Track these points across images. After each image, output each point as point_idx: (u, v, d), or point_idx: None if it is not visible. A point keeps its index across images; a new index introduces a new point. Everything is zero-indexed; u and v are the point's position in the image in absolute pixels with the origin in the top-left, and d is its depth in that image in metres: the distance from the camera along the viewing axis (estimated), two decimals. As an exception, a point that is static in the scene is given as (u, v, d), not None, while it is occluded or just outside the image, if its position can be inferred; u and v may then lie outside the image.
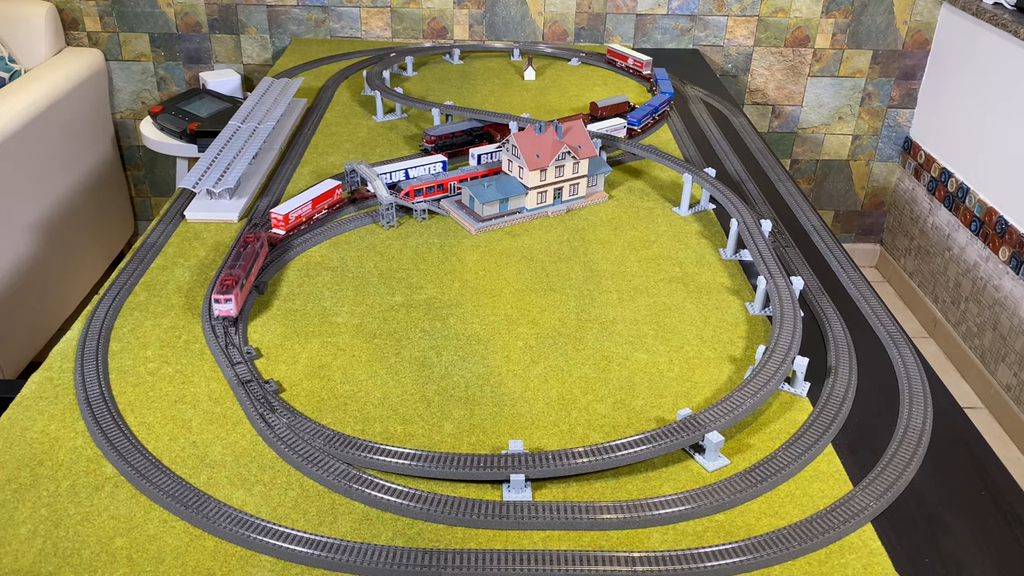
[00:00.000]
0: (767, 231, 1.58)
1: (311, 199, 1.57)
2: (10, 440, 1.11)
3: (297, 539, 0.96)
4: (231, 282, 1.30)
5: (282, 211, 1.53)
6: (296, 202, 1.57)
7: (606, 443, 1.09)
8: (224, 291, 1.29)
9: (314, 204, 1.56)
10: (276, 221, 1.52)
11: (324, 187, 1.61)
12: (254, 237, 1.41)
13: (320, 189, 1.61)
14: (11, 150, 2.40)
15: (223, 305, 1.29)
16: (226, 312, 1.29)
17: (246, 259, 1.35)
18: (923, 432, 1.15)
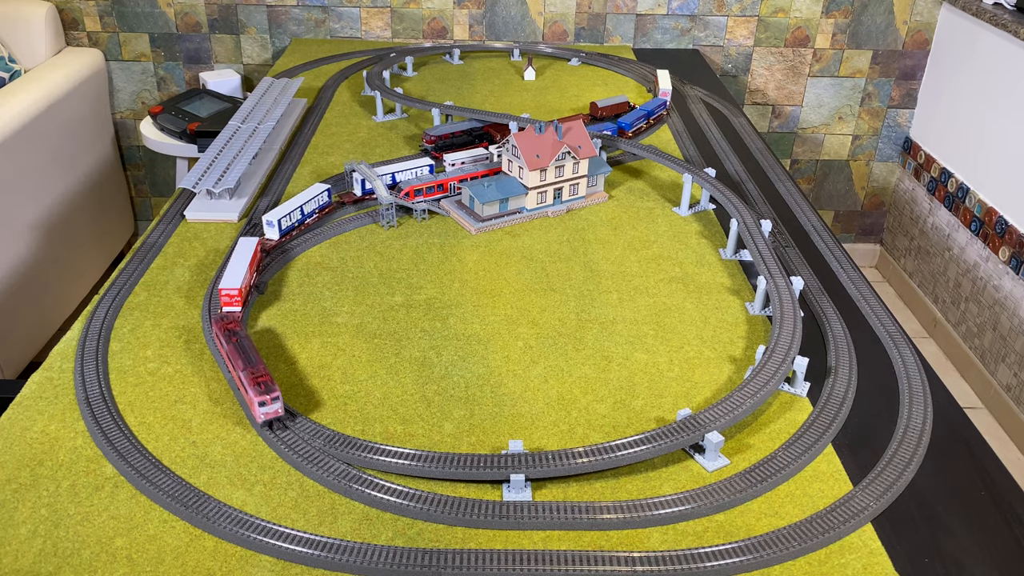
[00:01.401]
0: (767, 231, 1.58)
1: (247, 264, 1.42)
2: (10, 440, 1.11)
3: (297, 539, 0.96)
4: (268, 378, 1.12)
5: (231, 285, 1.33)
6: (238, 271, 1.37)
7: (606, 443, 1.09)
8: (267, 389, 1.10)
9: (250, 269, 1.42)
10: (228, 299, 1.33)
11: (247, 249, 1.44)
12: (235, 324, 1.24)
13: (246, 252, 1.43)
14: (11, 150, 2.40)
15: (271, 405, 1.10)
16: (276, 412, 1.11)
17: (250, 348, 1.18)
18: (923, 432, 1.15)
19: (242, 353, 1.17)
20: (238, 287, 1.31)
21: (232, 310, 1.31)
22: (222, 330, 1.23)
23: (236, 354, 1.17)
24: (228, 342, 1.20)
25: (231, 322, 1.24)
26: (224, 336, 1.21)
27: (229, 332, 1.22)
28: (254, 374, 1.13)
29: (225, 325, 1.23)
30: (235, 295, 1.31)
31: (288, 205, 1.59)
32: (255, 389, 1.10)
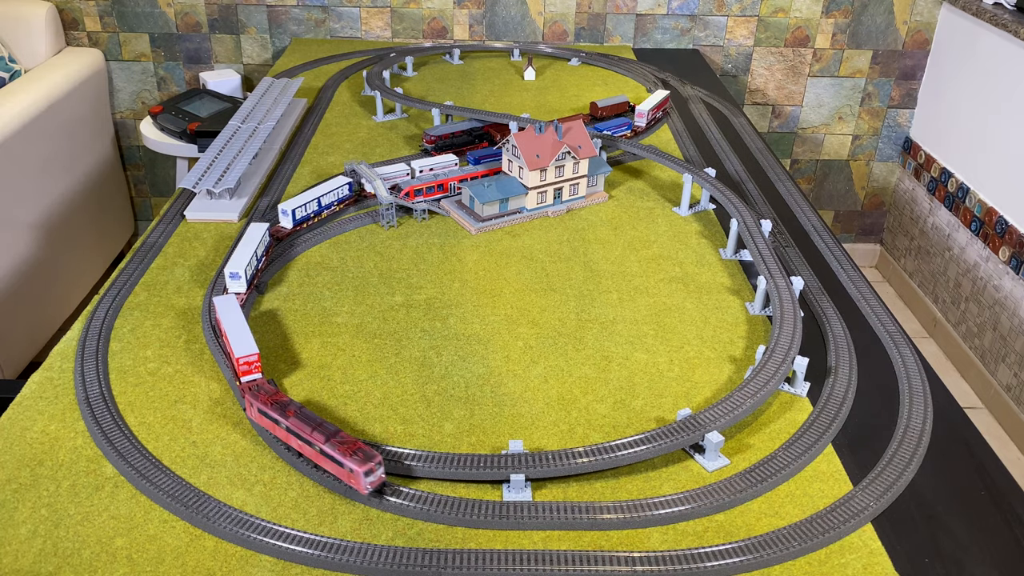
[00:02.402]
0: (767, 231, 1.58)
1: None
2: (10, 440, 1.11)
3: (297, 539, 0.96)
4: (357, 441, 1.02)
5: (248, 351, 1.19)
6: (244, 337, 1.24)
7: (606, 443, 1.09)
8: (367, 456, 1.00)
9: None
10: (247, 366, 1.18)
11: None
12: (280, 394, 1.10)
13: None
14: (11, 150, 2.40)
15: (377, 471, 1.01)
16: (382, 476, 1.02)
17: (310, 414, 1.05)
18: (923, 432, 1.15)
19: (309, 422, 1.04)
20: (256, 352, 1.16)
21: (253, 378, 1.17)
22: (270, 403, 1.07)
23: (306, 426, 1.03)
24: (287, 416, 1.05)
25: (275, 393, 1.09)
26: (277, 411, 1.06)
27: (281, 405, 1.07)
28: (342, 442, 1.01)
29: (272, 398, 1.08)
30: (254, 361, 1.17)
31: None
32: (355, 459, 0.99)
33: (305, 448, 1.04)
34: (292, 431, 1.05)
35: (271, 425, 1.08)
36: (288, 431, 1.05)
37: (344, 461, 1.00)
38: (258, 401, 1.09)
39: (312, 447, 1.03)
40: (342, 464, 1.01)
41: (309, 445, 1.03)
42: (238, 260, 1.37)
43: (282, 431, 1.06)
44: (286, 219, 1.58)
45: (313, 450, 1.03)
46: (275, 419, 1.06)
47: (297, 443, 1.05)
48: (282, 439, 1.07)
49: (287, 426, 1.05)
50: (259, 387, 1.11)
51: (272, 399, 1.08)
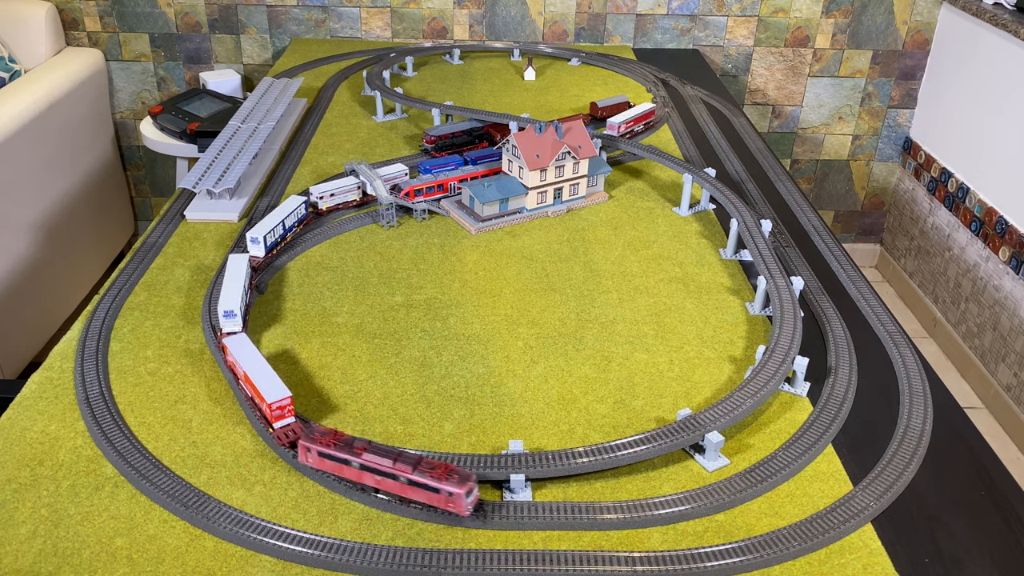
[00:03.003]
0: (767, 231, 1.58)
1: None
2: (10, 440, 1.11)
3: (297, 539, 0.96)
4: (448, 464, 0.99)
5: (280, 396, 1.12)
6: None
7: (606, 443, 1.09)
8: (463, 477, 0.97)
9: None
10: (281, 411, 1.12)
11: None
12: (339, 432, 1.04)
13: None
14: (11, 150, 2.40)
15: (474, 492, 0.98)
16: (477, 495, 0.99)
17: (383, 446, 1.01)
18: (923, 432, 1.15)
19: (388, 455, 0.99)
20: (289, 395, 1.09)
21: (287, 422, 1.10)
22: (334, 444, 1.01)
23: (386, 460, 0.99)
24: (357, 453, 1.00)
25: (332, 432, 1.03)
26: (345, 450, 1.00)
27: (346, 443, 1.02)
28: (432, 467, 0.98)
29: (332, 438, 1.02)
30: (287, 405, 1.09)
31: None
32: (452, 483, 0.96)
33: (385, 483, 0.99)
34: (369, 468, 0.99)
35: (335, 467, 1.01)
36: (363, 468, 0.99)
37: (441, 487, 0.96)
38: (318, 444, 1.01)
39: (397, 480, 0.98)
40: (438, 490, 0.97)
41: (392, 479, 0.98)
42: (230, 297, 1.29)
43: (352, 470, 1.00)
44: (257, 247, 1.47)
45: (397, 483, 0.98)
46: (344, 459, 1.00)
47: (375, 479, 0.99)
48: (350, 479, 1.01)
49: (361, 464, 0.99)
50: (312, 430, 1.04)
51: (334, 440, 1.02)
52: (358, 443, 1.01)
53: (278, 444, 1.08)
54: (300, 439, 1.03)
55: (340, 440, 1.02)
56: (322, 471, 1.04)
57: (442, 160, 1.85)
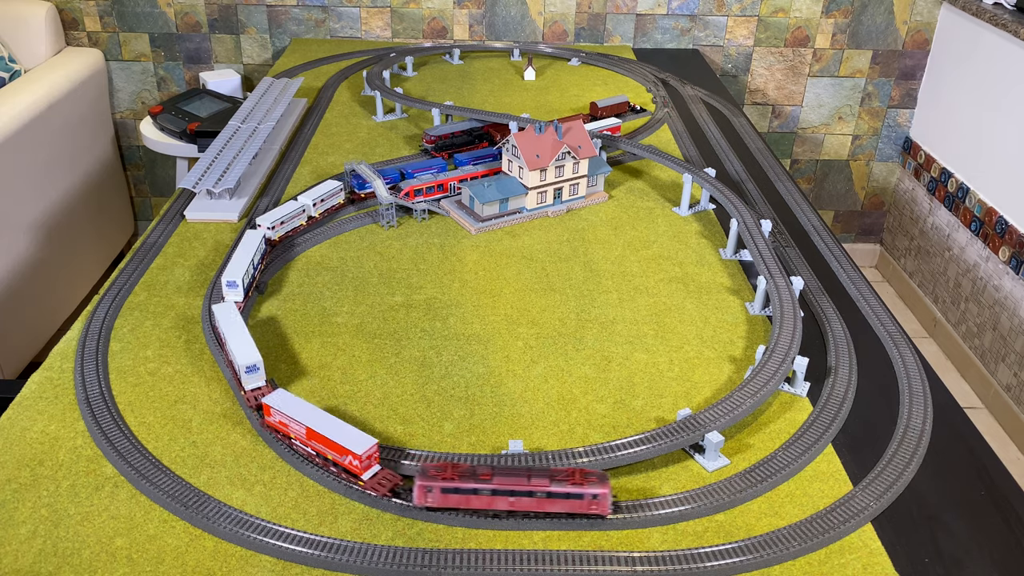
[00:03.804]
0: (767, 231, 1.58)
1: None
2: (10, 440, 1.11)
3: (297, 539, 0.96)
4: (579, 470, 0.98)
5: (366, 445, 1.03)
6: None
7: (606, 443, 1.09)
8: (600, 477, 0.98)
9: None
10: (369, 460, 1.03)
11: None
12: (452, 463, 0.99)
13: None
14: (11, 150, 2.40)
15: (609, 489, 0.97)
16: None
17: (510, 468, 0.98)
18: (923, 432, 1.15)
19: (519, 474, 0.97)
20: (375, 441, 1.03)
21: (376, 471, 1.03)
22: (458, 477, 0.97)
23: (520, 479, 0.96)
24: (486, 479, 0.97)
25: (450, 464, 0.99)
26: (470, 480, 0.97)
27: (469, 472, 0.98)
28: (566, 476, 0.97)
29: (453, 471, 0.97)
30: (374, 452, 1.02)
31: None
32: (593, 485, 0.96)
33: (520, 502, 0.97)
34: (502, 491, 0.96)
35: (461, 500, 0.97)
36: (495, 494, 0.96)
37: (584, 491, 0.96)
38: (440, 481, 0.96)
39: (534, 496, 0.96)
40: (582, 496, 0.96)
41: (529, 496, 0.96)
42: (245, 352, 1.17)
43: (483, 499, 0.97)
44: (235, 291, 1.35)
45: (534, 499, 0.97)
46: (472, 490, 0.96)
47: (509, 501, 0.97)
48: (481, 507, 0.98)
49: (493, 489, 0.96)
50: (426, 468, 0.98)
51: (455, 472, 0.97)
52: (481, 469, 0.97)
53: (377, 496, 1.00)
54: (417, 481, 0.96)
55: (461, 470, 0.97)
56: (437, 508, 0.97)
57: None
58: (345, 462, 1.02)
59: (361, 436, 1.03)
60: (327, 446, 1.04)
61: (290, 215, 1.57)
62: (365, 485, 1.01)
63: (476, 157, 1.88)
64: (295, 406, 1.08)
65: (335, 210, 1.68)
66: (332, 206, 1.66)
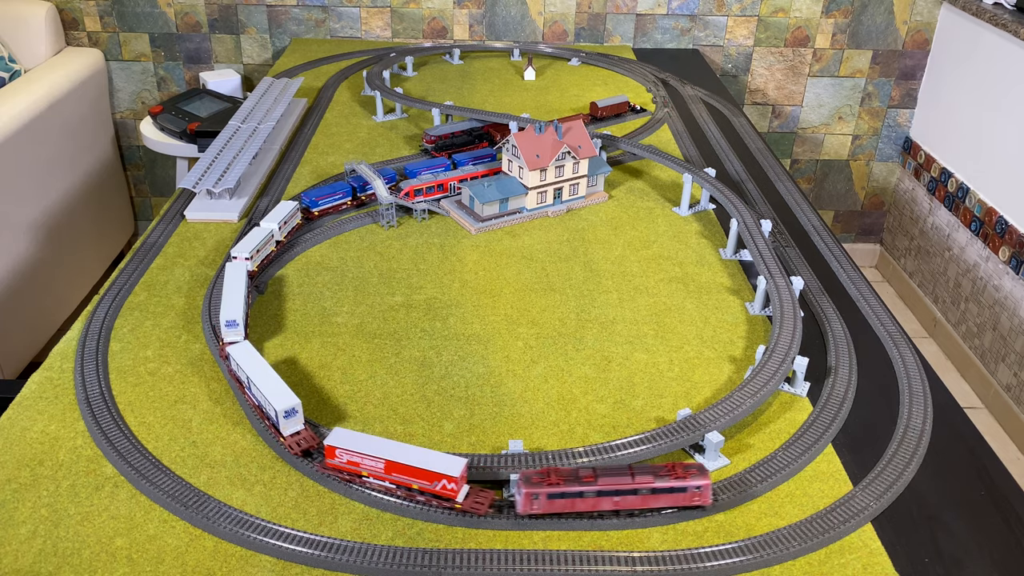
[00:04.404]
0: (767, 231, 1.58)
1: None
2: (10, 440, 1.11)
3: (297, 539, 0.96)
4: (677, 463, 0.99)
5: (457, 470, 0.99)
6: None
7: (606, 443, 1.09)
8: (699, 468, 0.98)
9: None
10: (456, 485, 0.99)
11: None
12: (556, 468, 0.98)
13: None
14: (11, 150, 2.40)
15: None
16: None
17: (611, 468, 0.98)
18: (923, 432, 1.15)
19: (621, 473, 0.97)
20: (466, 462, 0.99)
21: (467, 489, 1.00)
22: (562, 481, 0.96)
23: (623, 478, 0.97)
24: (589, 481, 0.96)
25: (551, 469, 0.98)
26: (574, 483, 0.96)
27: (572, 476, 0.96)
28: (667, 470, 0.97)
29: (556, 476, 0.96)
30: (463, 472, 0.98)
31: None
32: (694, 476, 0.97)
33: (625, 500, 0.97)
34: (607, 492, 0.96)
35: (566, 504, 0.96)
36: (600, 495, 0.96)
37: (687, 484, 0.97)
38: (545, 488, 0.95)
39: (639, 493, 0.97)
40: (685, 489, 0.97)
41: (633, 494, 0.97)
42: (286, 395, 1.09)
43: (587, 501, 0.97)
44: (236, 330, 1.26)
45: (638, 496, 0.97)
46: (577, 493, 0.96)
47: (613, 501, 0.97)
48: (586, 509, 0.97)
49: (598, 491, 0.96)
50: (528, 476, 0.96)
51: (559, 477, 0.96)
52: (582, 471, 0.97)
53: (474, 514, 0.99)
54: (523, 489, 0.95)
55: (564, 475, 0.97)
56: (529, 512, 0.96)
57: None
58: (437, 488, 0.98)
59: (448, 458, 0.99)
60: (413, 475, 0.99)
61: (263, 242, 1.46)
62: (463, 506, 0.99)
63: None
64: (362, 442, 1.02)
65: (295, 231, 1.59)
66: (293, 227, 1.57)
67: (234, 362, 1.17)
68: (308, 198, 1.67)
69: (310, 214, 1.67)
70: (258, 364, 1.15)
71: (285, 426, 1.07)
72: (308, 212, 1.67)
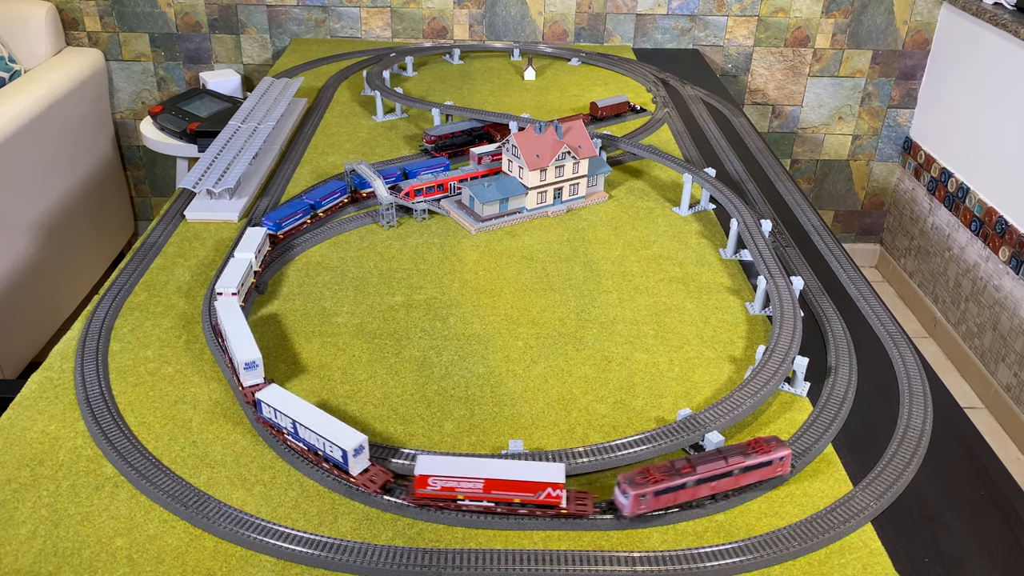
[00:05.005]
0: (767, 231, 1.58)
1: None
2: (10, 440, 1.11)
3: (297, 539, 0.96)
4: (756, 439, 1.03)
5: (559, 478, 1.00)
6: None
7: (606, 443, 1.09)
8: (777, 440, 1.03)
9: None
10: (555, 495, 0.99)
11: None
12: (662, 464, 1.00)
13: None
14: (11, 150, 2.40)
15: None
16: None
17: (700, 455, 1.00)
18: (923, 432, 1.15)
19: (712, 458, 0.99)
20: (563, 466, 1.00)
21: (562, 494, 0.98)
22: (664, 478, 0.97)
23: (716, 462, 0.99)
24: (688, 472, 0.98)
25: (644, 469, 0.98)
26: (675, 477, 0.97)
27: (672, 470, 0.98)
28: (752, 447, 1.01)
29: (658, 473, 0.98)
30: (562, 482, 0.97)
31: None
32: (775, 448, 1.01)
33: (721, 484, 1.00)
34: (705, 479, 0.99)
35: (670, 498, 0.98)
36: (700, 483, 0.99)
37: (772, 457, 1.01)
38: (651, 486, 0.96)
39: (732, 475, 1.00)
40: (771, 462, 1.02)
41: (727, 476, 1.00)
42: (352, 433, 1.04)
43: (688, 491, 0.99)
44: (256, 371, 1.17)
45: (731, 478, 1.00)
46: (680, 486, 0.98)
47: (710, 487, 1.00)
48: (687, 499, 0.99)
49: (698, 479, 0.98)
50: (631, 478, 0.97)
51: (659, 473, 0.97)
52: (678, 463, 0.99)
53: (581, 516, 0.99)
54: (630, 492, 0.96)
55: (664, 470, 0.98)
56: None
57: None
58: (541, 497, 0.97)
59: (547, 465, 0.98)
60: (514, 489, 0.97)
61: (245, 275, 1.39)
62: (568, 511, 0.98)
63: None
64: (452, 464, 0.99)
65: (268, 261, 1.50)
66: (264, 255, 1.50)
67: (267, 407, 1.09)
68: (271, 221, 1.55)
69: (275, 238, 1.59)
70: (299, 405, 1.08)
71: (354, 464, 1.02)
72: (274, 237, 1.59)
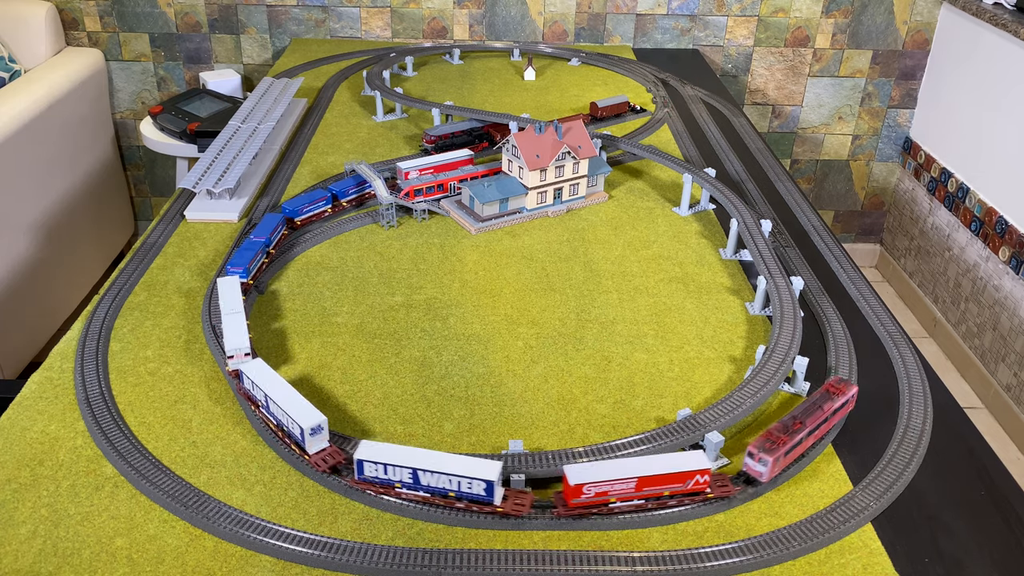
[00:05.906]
0: (767, 231, 1.58)
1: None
2: (10, 440, 1.11)
3: (297, 539, 0.96)
4: (826, 384, 1.11)
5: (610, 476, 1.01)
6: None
7: (606, 443, 1.09)
8: (845, 382, 1.11)
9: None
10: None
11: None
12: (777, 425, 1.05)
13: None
14: (11, 150, 2.40)
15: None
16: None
17: (800, 412, 1.07)
18: (923, 432, 1.15)
19: (811, 411, 1.06)
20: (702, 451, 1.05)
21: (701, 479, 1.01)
22: (786, 435, 1.03)
23: (815, 415, 1.06)
24: (800, 428, 1.04)
25: (766, 433, 1.04)
26: (793, 432, 1.03)
27: (786, 429, 1.04)
28: (827, 392, 1.10)
29: (781, 433, 1.03)
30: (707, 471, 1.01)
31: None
32: (847, 387, 1.11)
33: (821, 430, 1.09)
34: (812, 430, 1.06)
35: (793, 454, 1.05)
36: (809, 435, 1.06)
37: (847, 397, 1.10)
38: (780, 449, 1.02)
39: (828, 420, 1.09)
40: (848, 402, 1.12)
41: (825, 423, 1.09)
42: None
43: (805, 443, 1.07)
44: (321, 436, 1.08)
45: (828, 422, 1.09)
46: (798, 442, 1.05)
47: (814, 436, 1.08)
48: (800, 454, 1.07)
49: (809, 431, 1.06)
50: (762, 445, 1.02)
51: (782, 435, 1.03)
52: (787, 421, 1.05)
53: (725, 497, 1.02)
54: (767, 458, 1.01)
55: (782, 429, 1.04)
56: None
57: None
58: (689, 486, 1.00)
59: (690, 454, 1.01)
60: (664, 483, 1.00)
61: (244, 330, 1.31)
62: (715, 494, 1.02)
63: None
64: (601, 469, 0.99)
65: (251, 283, 1.43)
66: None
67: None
68: (236, 268, 1.40)
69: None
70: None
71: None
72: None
